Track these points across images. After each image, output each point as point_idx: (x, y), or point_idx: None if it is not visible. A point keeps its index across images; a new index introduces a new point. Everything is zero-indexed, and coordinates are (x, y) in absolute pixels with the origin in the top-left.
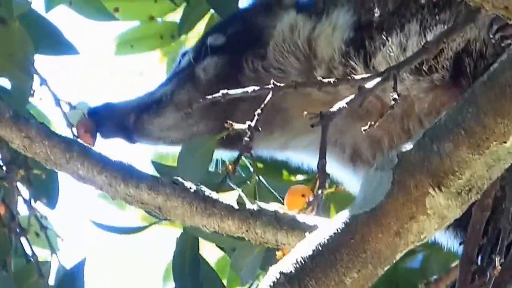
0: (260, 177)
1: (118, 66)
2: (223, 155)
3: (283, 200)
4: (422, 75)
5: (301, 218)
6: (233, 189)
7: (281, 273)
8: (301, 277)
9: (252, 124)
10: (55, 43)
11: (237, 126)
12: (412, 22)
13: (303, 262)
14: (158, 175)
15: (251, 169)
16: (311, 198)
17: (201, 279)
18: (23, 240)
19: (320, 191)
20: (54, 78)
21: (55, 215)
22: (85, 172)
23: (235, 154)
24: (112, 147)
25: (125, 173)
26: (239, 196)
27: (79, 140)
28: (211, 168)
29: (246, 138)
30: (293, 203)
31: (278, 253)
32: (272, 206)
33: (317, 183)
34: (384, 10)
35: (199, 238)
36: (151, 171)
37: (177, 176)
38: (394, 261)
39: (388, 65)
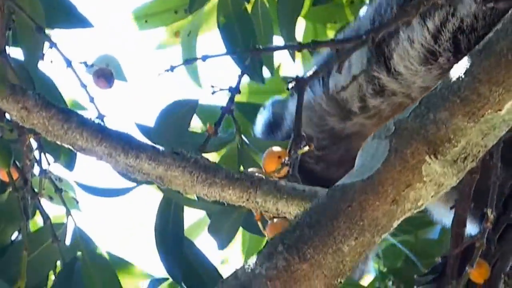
0: (243, 138)
1: (133, 42)
2: None
3: None
4: (431, 63)
5: (300, 186)
6: (216, 150)
7: (279, 241)
8: (300, 246)
9: None
10: (68, 16)
11: None
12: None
13: (301, 231)
14: (142, 136)
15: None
16: (287, 159)
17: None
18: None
19: (295, 153)
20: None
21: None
22: (85, 143)
23: None
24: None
25: (125, 143)
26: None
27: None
28: None
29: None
30: (270, 164)
31: (256, 216)
32: (251, 170)
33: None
34: (392, 12)
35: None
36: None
37: (156, 137)
38: (391, 229)
39: (403, 61)
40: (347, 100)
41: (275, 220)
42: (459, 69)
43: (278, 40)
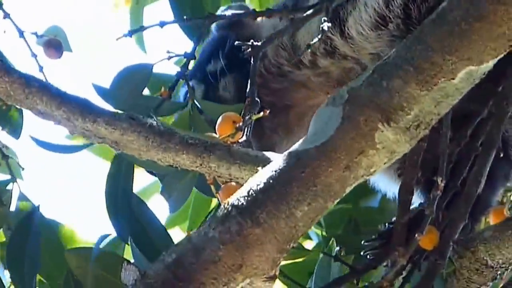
0: (196, 102)
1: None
2: None
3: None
4: (381, 29)
5: (254, 152)
6: (169, 114)
7: (233, 206)
8: (253, 210)
9: None
10: None
11: None
12: None
13: (254, 195)
14: (99, 97)
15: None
16: (241, 124)
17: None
18: None
19: (249, 117)
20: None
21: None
22: (44, 107)
23: None
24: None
25: (83, 108)
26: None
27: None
28: None
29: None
30: (224, 129)
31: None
32: (205, 136)
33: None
34: None
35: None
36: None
37: (112, 98)
38: (343, 194)
39: (356, 25)
40: (300, 49)
41: (228, 184)
42: (412, 38)
43: None
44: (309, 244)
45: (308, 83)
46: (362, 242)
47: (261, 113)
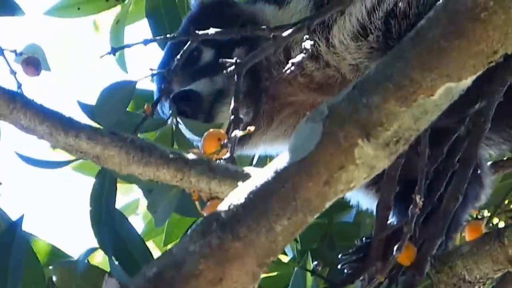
0: (178, 120)
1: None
2: None
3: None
4: (360, 40)
5: (233, 167)
6: (152, 130)
7: (213, 220)
8: (233, 224)
9: None
10: (1, 3)
11: None
12: None
13: (235, 210)
14: (83, 113)
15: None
16: (226, 141)
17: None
18: None
19: (234, 135)
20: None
21: None
22: (27, 122)
23: None
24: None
25: (65, 123)
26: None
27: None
28: None
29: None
30: (209, 146)
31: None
32: (190, 152)
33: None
34: None
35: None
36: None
37: (97, 115)
38: (323, 209)
39: (339, 34)
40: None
41: (213, 200)
42: (392, 55)
43: None
44: (284, 258)
45: (293, 81)
46: (339, 255)
47: (246, 130)
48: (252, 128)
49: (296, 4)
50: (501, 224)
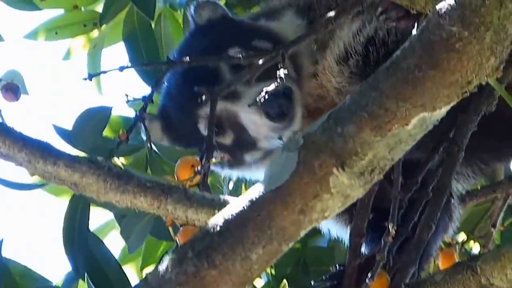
0: (152, 146)
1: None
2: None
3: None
4: (341, 64)
5: (210, 195)
6: (126, 155)
7: (189, 248)
8: (209, 252)
9: None
10: None
11: None
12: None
13: (211, 238)
14: (60, 138)
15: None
16: (199, 168)
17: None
18: None
19: (207, 162)
20: None
21: None
22: (6, 149)
23: None
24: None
25: (44, 151)
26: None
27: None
28: None
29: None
30: (183, 173)
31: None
32: (164, 178)
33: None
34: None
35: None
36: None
37: (73, 139)
38: (298, 238)
39: (329, 56)
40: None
41: (186, 226)
42: (367, 85)
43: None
44: (258, 283)
45: None
46: (312, 282)
47: (219, 158)
48: (226, 156)
49: (291, 19)
50: (476, 248)
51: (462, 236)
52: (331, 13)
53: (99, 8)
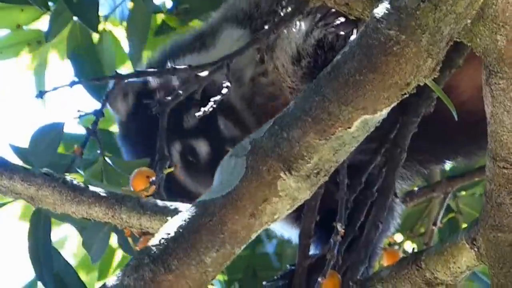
0: (107, 159)
1: None
2: None
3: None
4: (296, 65)
5: (162, 203)
6: (82, 170)
7: (145, 254)
8: (165, 258)
9: None
10: None
11: None
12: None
13: (165, 244)
14: (16, 156)
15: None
16: (154, 179)
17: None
18: None
19: (161, 172)
20: None
21: None
22: None
23: None
24: None
25: None
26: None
27: None
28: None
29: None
30: (138, 184)
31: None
32: (120, 190)
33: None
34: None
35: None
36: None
37: (30, 157)
38: (250, 240)
39: (283, 57)
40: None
41: (146, 236)
42: (309, 90)
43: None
44: None
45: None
46: (264, 283)
47: (172, 168)
48: (178, 166)
49: (229, 33)
50: (414, 247)
51: (400, 237)
52: (272, 22)
53: (41, 25)
